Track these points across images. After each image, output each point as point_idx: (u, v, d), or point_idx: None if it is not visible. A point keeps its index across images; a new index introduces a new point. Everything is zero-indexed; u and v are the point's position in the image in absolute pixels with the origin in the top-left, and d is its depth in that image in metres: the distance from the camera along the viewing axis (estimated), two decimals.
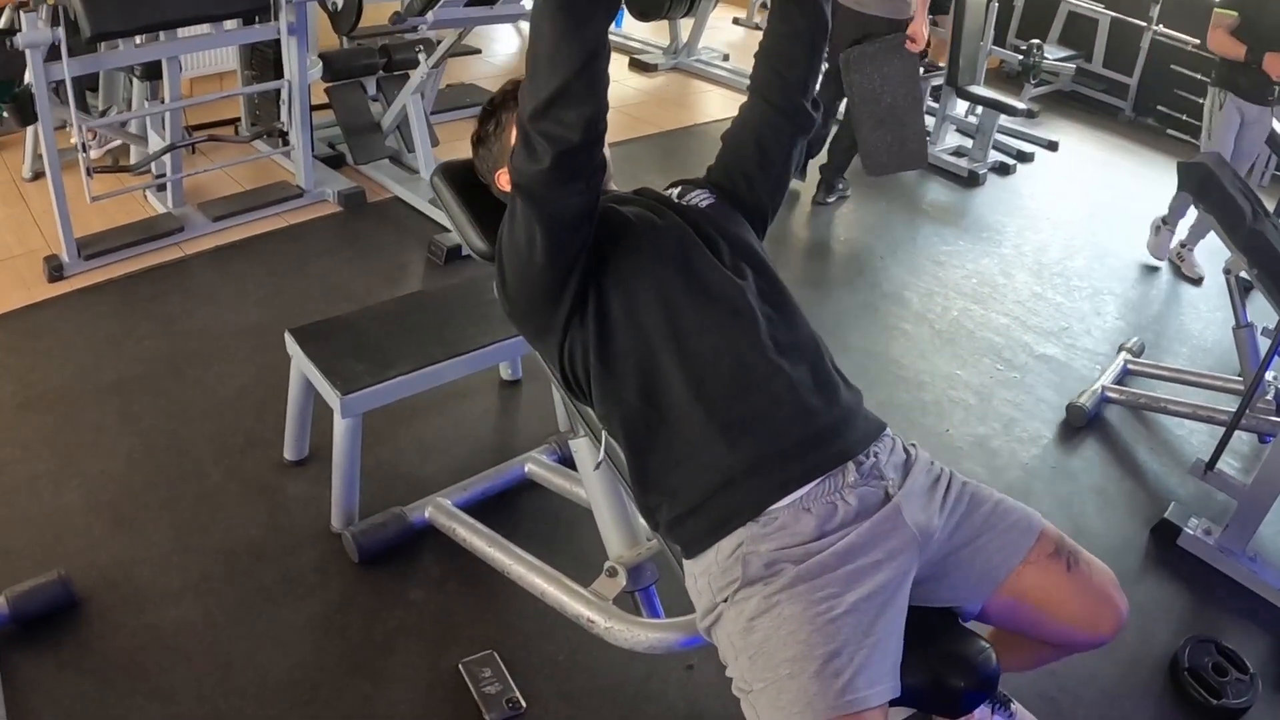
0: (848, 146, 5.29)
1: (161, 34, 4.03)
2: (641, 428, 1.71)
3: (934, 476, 1.78)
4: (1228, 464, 3.46)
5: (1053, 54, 7.89)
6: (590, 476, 2.20)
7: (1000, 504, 1.80)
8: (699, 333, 1.70)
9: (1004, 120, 6.49)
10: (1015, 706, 2.02)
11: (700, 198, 1.97)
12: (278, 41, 4.37)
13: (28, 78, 3.61)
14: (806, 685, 1.48)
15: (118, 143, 4.85)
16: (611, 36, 5.77)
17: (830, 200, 5.55)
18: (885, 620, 1.56)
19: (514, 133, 1.92)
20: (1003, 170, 6.50)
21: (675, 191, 2.01)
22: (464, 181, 2.16)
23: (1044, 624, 1.79)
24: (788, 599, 1.55)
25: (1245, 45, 4.56)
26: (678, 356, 1.68)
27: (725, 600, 1.63)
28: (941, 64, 5.57)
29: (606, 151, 2.00)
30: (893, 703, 1.56)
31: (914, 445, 1.84)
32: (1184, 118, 7.72)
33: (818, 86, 2.03)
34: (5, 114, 4.24)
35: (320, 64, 4.67)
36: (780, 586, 1.56)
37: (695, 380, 1.67)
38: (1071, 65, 8.06)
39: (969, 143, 6.59)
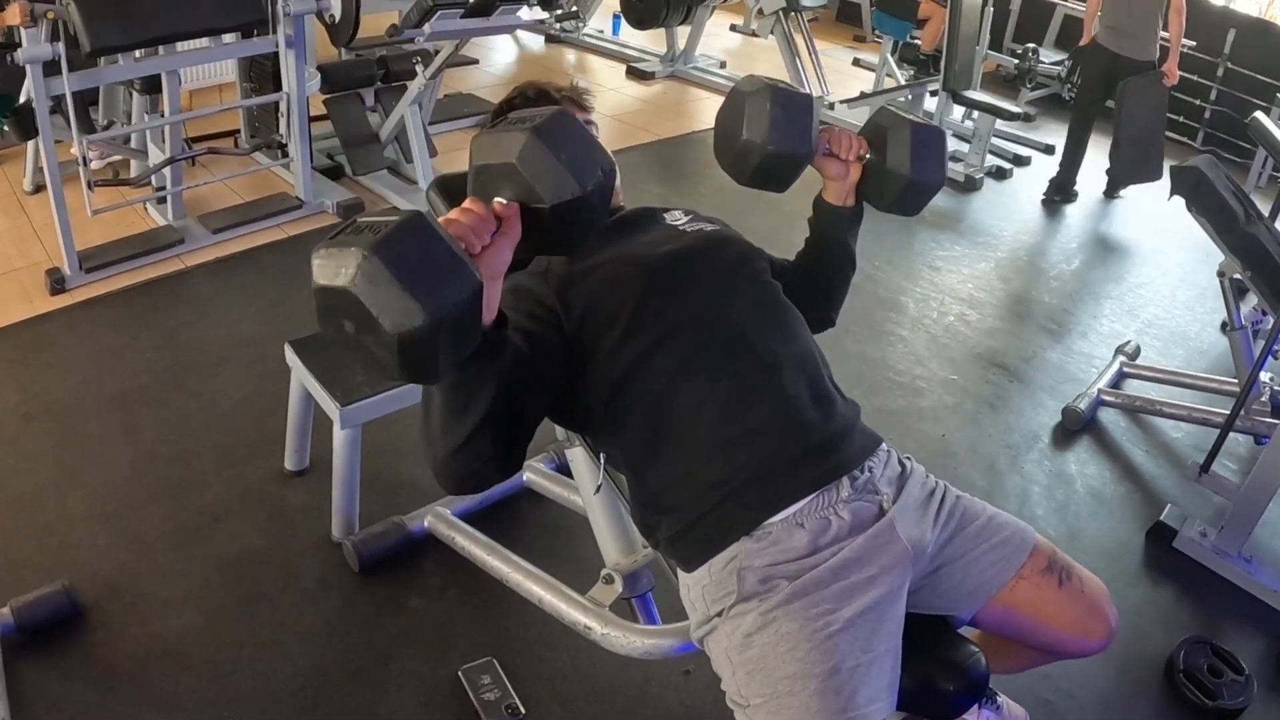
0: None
1: (161, 48, 4.05)
2: (642, 449, 1.70)
3: (928, 490, 1.79)
4: (1224, 466, 3.48)
5: (1049, 57, 7.93)
6: (586, 486, 2.21)
7: (993, 519, 1.81)
8: (698, 355, 1.68)
9: (1000, 124, 6.51)
10: (1002, 699, 2.04)
11: (706, 224, 1.97)
12: (276, 54, 4.39)
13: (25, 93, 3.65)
14: (808, 702, 1.49)
15: (119, 156, 4.88)
16: (608, 45, 5.84)
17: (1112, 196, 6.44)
18: (882, 636, 1.57)
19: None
20: (999, 175, 6.54)
21: (683, 220, 1.98)
22: (459, 195, 2.16)
23: (1036, 633, 1.81)
24: (785, 615, 1.56)
25: None
26: (677, 378, 1.66)
27: (720, 614, 1.64)
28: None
29: (615, 170, 2.02)
30: None
31: (909, 458, 1.85)
32: (1180, 119, 7.74)
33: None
34: (6, 128, 4.27)
35: (319, 76, 4.70)
36: (776, 603, 1.57)
37: (696, 402, 1.66)
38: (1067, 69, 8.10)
39: (965, 147, 6.61)
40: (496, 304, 1.41)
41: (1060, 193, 6.31)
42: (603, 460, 1.94)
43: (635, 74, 7.76)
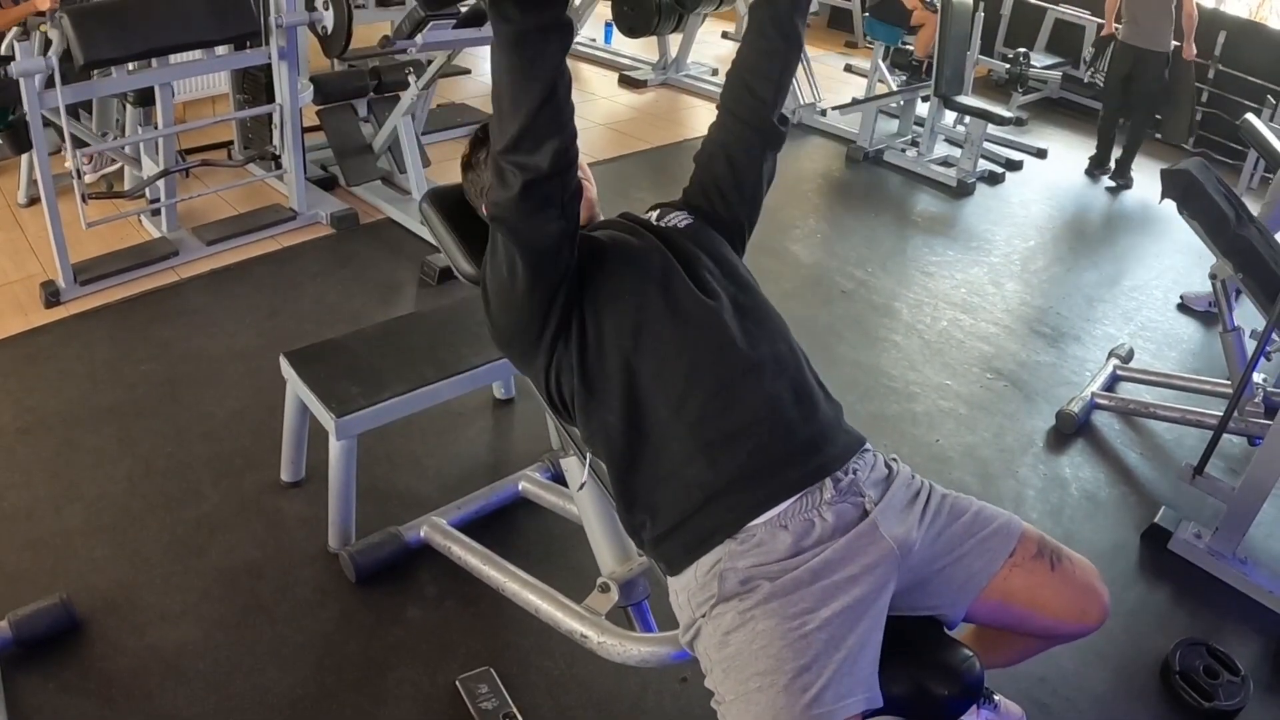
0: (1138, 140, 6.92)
1: (154, 60, 4.06)
2: (624, 448, 1.73)
3: (914, 491, 1.80)
4: (1218, 467, 3.49)
5: (1040, 61, 7.95)
6: (580, 494, 2.22)
7: (980, 512, 1.82)
8: (678, 353, 1.72)
9: (992, 129, 6.53)
10: (999, 699, 2.05)
11: (678, 219, 2.00)
12: (269, 66, 4.40)
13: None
14: (775, 699, 1.51)
15: (113, 168, 4.88)
16: (600, 53, 5.85)
17: (1123, 182, 6.89)
18: (858, 634, 1.58)
19: None
20: (992, 179, 6.55)
21: (654, 215, 2.03)
22: (452, 206, 2.18)
23: (1032, 620, 1.82)
24: (762, 614, 1.57)
25: None
26: (658, 377, 1.70)
27: (703, 615, 1.66)
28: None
29: (593, 188, 2.04)
30: (878, 712, 1.58)
31: (895, 460, 1.86)
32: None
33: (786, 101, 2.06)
34: (0, 141, 4.27)
35: (311, 87, 4.70)
36: (755, 602, 1.59)
37: (676, 400, 1.69)
38: (1058, 73, 8.13)
39: (957, 152, 6.63)
40: None
41: (1098, 166, 7.05)
42: (589, 459, 1.96)
43: (628, 82, 7.78)
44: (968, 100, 6.30)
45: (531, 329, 1.78)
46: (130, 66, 4.05)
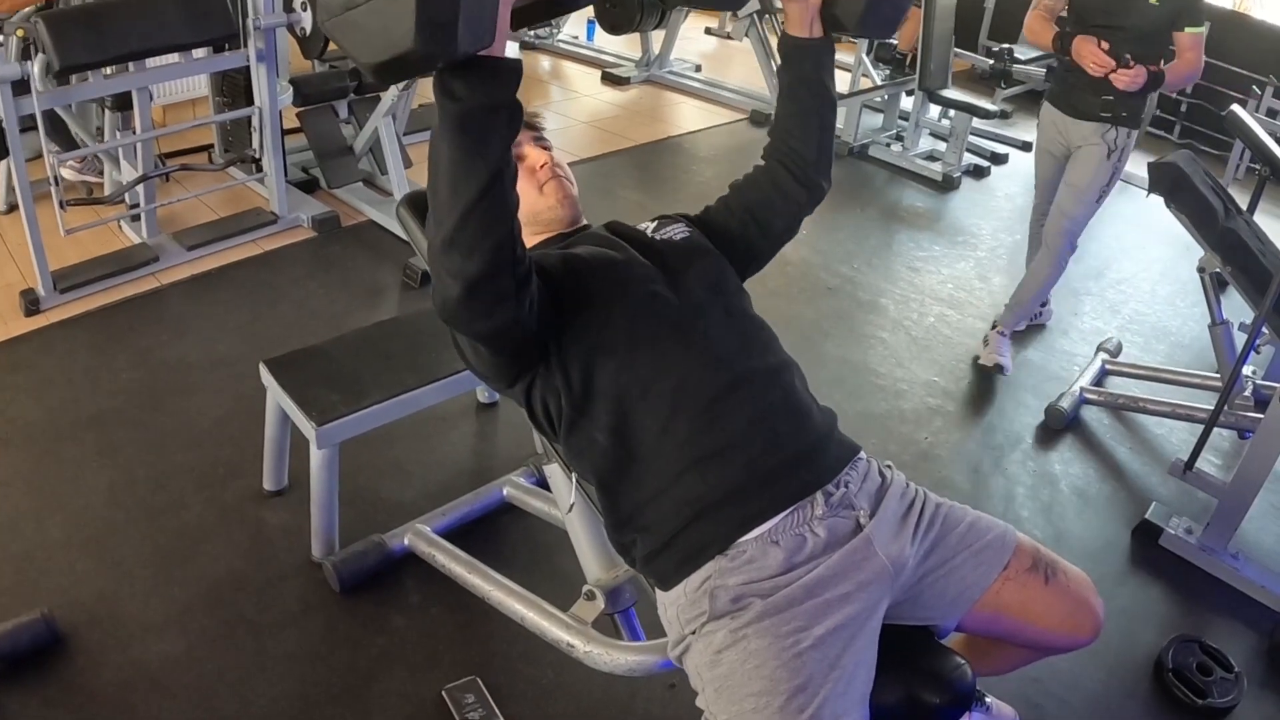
0: None
1: (131, 64, 4.02)
2: (613, 467, 1.70)
3: (907, 502, 1.77)
4: (1209, 462, 3.49)
5: (1024, 54, 7.95)
6: (563, 503, 2.20)
7: (975, 524, 1.80)
8: (664, 370, 1.68)
9: (977, 123, 6.52)
10: (990, 700, 2.03)
11: (675, 231, 1.95)
12: (248, 68, 4.37)
13: None
14: (772, 719, 1.49)
15: (96, 179, 4.84)
16: (584, 50, 5.84)
17: None
18: (853, 652, 1.56)
19: None
20: (977, 173, 6.55)
21: (651, 226, 1.98)
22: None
23: (1024, 632, 1.81)
24: (754, 633, 1.55)
25: None
26: (646, 396, 1.66)
27: (693, 632, 1.63)
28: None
29: (574, 187, 2.01)
30: None
31: (889, 467, 1.83)
32: (1157, 113, 7.77)
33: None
34: None
35: (291, 89, 4.66)
36: (747, 620, 1.56)
37: (665, 418, 1.65)
38: (1041, 70, 8.12)
39: (942, 146, 6.63)
40: (506, 31, 1.38)
41: None
42: (575, 479, 1.93)
43: (611, 79, 7.75)
44: (952, 94, 6.30)
45: (507, 376, 1.77)
46: (107, 71, 4.02)
